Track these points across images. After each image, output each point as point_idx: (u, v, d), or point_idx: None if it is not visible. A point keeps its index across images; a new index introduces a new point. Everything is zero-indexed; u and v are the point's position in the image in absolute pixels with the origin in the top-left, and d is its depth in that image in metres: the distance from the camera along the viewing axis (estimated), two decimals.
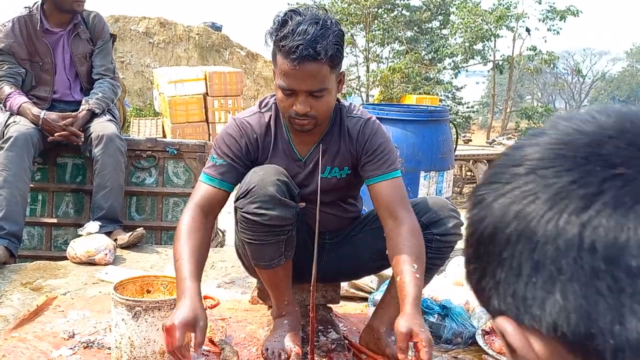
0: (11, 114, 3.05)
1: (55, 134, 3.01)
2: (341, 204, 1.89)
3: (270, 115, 1.79)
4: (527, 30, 15.13)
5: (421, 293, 1.57)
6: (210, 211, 1.71)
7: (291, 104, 1.64)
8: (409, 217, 1.67)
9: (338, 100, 1.81)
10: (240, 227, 1.68)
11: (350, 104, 1.89)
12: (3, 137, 2.94)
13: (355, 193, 1.94)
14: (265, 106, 1.81)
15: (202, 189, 1.73)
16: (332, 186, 1.80)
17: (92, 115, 3.13)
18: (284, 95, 1.65)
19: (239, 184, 1.71)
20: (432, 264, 1.78)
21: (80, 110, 3.11)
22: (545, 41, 18.14)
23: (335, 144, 1.79)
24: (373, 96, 15.41)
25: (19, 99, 3.05)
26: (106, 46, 3.29)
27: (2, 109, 3.19)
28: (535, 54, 14.98)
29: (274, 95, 1.76)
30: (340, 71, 1.70)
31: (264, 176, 1.63)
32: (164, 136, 9.99)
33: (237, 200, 1.67)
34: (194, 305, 1.45)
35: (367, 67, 16.52)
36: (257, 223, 1.62)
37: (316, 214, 1.56)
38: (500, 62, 15.59)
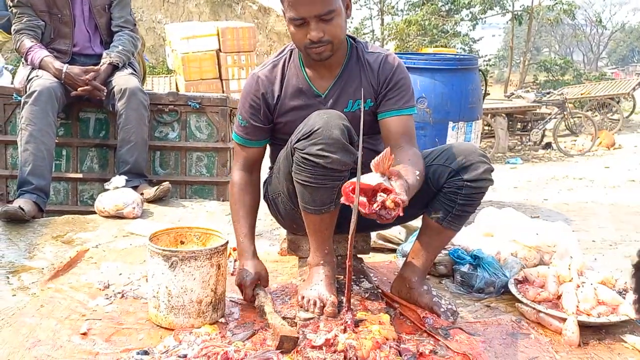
0: (33, 68, 3.02)
1: (79, 89, 2.98)
2: (369, 140, 1.86)
3: (285, 59, 1.86)
4: None
5: (415, 187, 1.56)
6: (252, 168, 1.94)
7: (305, 34, 1.70)
8: (416, 149, 1.78)
9: (354, 38, 1.88)
10: (297, 168, 1.66)
11: (367, 42, 1.95)
12: (26, 92, 2.91)
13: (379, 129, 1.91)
14: (280, 53, 1.89)
15: (238, 149, 1.93)
16: (358, 119, 1.76)
17: (114, 68, 3.10)
18: (296, 28, 1.71)
19: (298, 126, 1.69)
20: (463, 210, 1.75)
21: (101, 63, 3.07)
22: None
23: (355, 77, 1.84)
24: (388, 50, 15.13)
25: (40, 53, 3.01)
26: None
27: (23, 64, 3.16)
28: (555, 3, 14.57)
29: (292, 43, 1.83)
30: None
31: (328, 119, 1.62)
32: None
33: (297, 141, 1.64)
34: (255, 266, 1.85)
35: (382, 19, 16.17)
36: (317, 165, 1.61)
37: (359, 147, 1.52)
38: (519, 13, 15.18)
